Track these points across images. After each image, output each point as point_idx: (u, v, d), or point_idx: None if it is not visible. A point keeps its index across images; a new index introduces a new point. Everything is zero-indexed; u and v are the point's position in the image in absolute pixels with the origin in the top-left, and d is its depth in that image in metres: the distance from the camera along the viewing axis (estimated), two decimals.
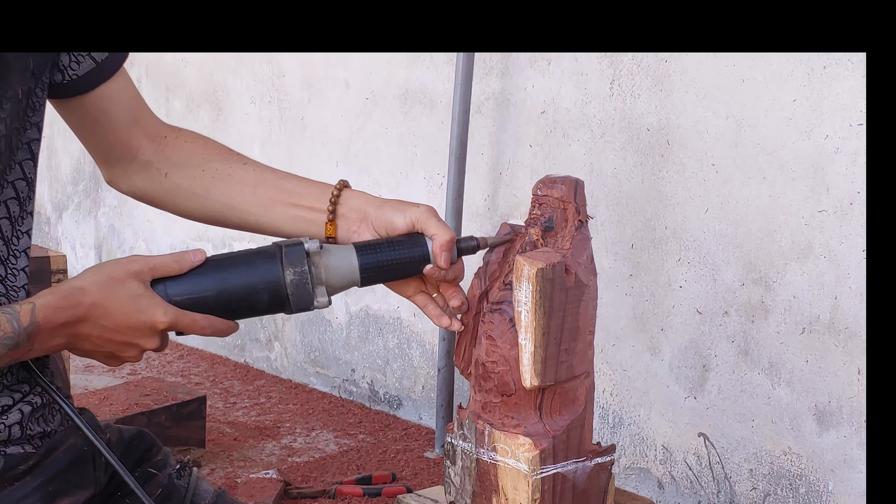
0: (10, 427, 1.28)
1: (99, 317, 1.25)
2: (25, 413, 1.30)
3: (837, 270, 2.29)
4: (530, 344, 1.54)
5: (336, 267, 1.41)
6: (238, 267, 1.34)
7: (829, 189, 2.29)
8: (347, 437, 3.25)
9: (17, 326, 1.21)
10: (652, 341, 2.68)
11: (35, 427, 1.32)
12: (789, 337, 2.39)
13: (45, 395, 1.34)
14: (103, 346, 1.28)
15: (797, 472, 2.42)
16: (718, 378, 2.55)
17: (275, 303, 1.34)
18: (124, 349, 1.29)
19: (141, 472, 1.45)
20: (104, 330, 1.25)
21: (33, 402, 1.32)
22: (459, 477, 1.66)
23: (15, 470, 1.28)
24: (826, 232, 2.31)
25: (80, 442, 1.35)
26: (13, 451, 1.28)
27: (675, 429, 2.66)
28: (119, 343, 1.27)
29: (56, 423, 1.35)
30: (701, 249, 2.54)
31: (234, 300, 1.33)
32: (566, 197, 1.63)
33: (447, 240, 1.45)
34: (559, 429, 1.59)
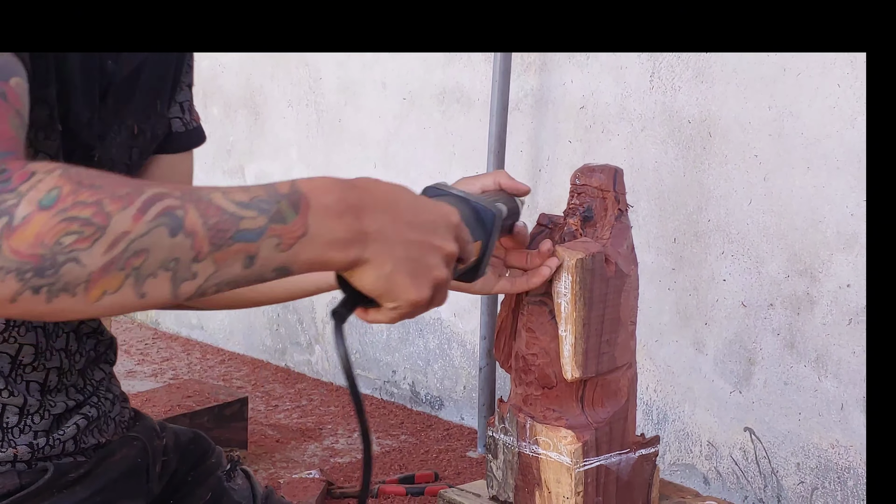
0: (64, 442, 1.23)
1: (385, 206, 0.95)
2: (81, 427, 1.25)
3: None
4: (571, 336, 1.52)
5: None
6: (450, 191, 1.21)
7: None
8: (389, 438, 3.24)
9: (272, 192, 0.90)
10: (696, 336, 2.64)
11: (89, 440, 1.27)
12: (836, 328, 2.35)
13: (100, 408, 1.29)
14: (403, 250, 0.95)
15: (845, 464, 2.38)
16: (764, 371, 2.51)
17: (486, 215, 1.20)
18: (427, 253, 0.97)
19: (194, 476, 1.43)
20: (395, 221, 0.95)
21: (90, 416, 1.27)
22: (501, 471, 1.65)
23: (65, 478, 1.23)
24: None
25: (134, 453, 1.31)
26: (64, 461, 1.24)
27: (721, 424, 2.62)
28: (418, 244, 0.96)
29: (110, 433, 1.30)
30: (744, 242, 2.51)
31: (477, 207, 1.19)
32: (605, 185, 1.61)
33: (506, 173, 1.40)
34: (602, 421, 1.57)
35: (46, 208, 0.84)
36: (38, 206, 0.84)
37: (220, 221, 0.88)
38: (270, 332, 4.22)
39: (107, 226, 0.84)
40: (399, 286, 0.95)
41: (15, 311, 0.85)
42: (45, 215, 0.84)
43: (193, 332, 4.40)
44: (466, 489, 1.73)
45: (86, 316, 0.88)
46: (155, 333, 4.40)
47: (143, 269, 0.86)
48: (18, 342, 1.20)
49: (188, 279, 0.88)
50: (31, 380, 1.23)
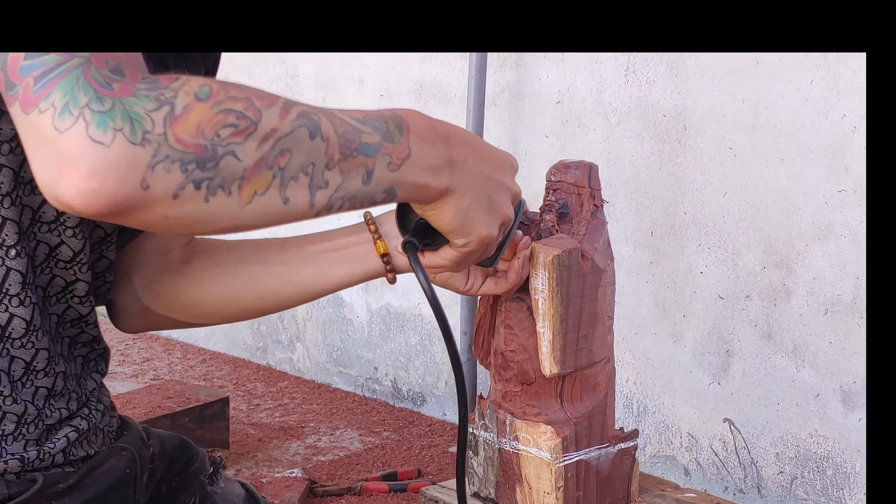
0: (54, 455, 1.22)
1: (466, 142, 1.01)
2: (71, 440, 1.24)
3: (859, 250, 2.27)
4: (548, 332, 1.53)
5: None
6: None
7: (847, 168, 2.27)
8: (372, 435, 3.25)
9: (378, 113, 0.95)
10: (674, 328, 2.66)
11: (78, 451, 1.26)
12: (812, 318, 2.37)
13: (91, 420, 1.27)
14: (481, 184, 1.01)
15: (824, 454, 2.40)
16: (742, 363, 2.53)
17: None
18: (497, 190, 1.03)
19: (179, 481, 1.43)
20: (476, 155, 1.00)
21: (80, 428, 1.26)
22: (482, 467, 1.65)
23: (54, 489, 1.22)
24: (846, 211, 2.28)
25: (123, 464, 1.30)
26: (53, 472, 1.22)
27: (700, 415, 2.64)
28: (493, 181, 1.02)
29: (98, 444, 1.29)
30: (721, 234, 2.53)
31: None
32: (580, 182, 1.62)
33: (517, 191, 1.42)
34: (581, 415, 1.58)
35: (203, 100, 0.84)
36: (196, 98, 0.84)
37: (347, 132, 0.90)
38: (251, 330, 4.22)
39: (258, 121, 0.86)
40: (474, 220, 1.00)
41: (175, 209, 0.84)
42: (203, 106, 0.84)
43: (174, 332, 4.39)
44: (448, 486, 1.73)
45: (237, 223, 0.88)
46: (135, 334, 4.39)
47: (287, 169, 0.87)
48: (35, 347, 1.19)
49: (322, 187, 0.89)
50: (42, 385, 1.22)
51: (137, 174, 0.81)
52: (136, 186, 0.81)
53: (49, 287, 1.20)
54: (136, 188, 0.81)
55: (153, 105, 0.82)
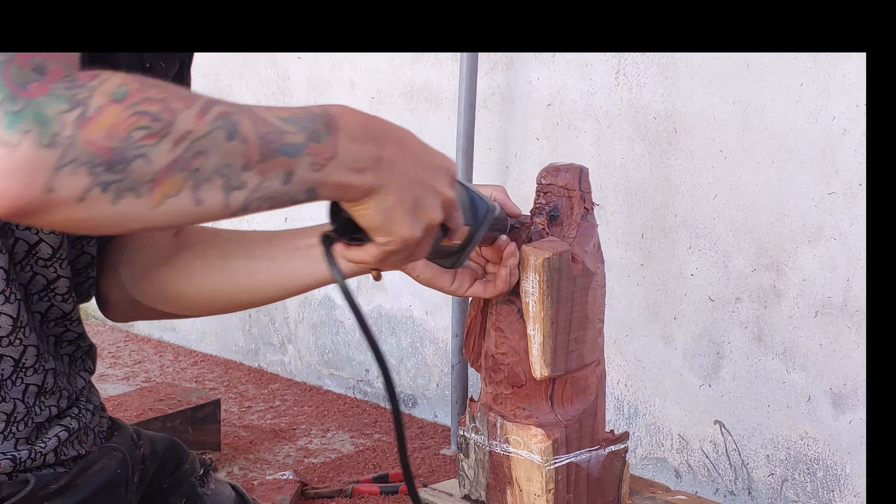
0: (45, 455, 1.22)
1: (399, 142, 1.00)
2: (62, 439, 1.24)
3: (849, 252, 2.28)
4: (539, 334, 1.53)
5: None
6: None
7: (838, 171, 2.28)
8: (363, 437, 3.25)
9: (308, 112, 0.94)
10: (665, 330, 2.66)
11: (69, 451, 1.26)
12: (802, 321, 2.38)
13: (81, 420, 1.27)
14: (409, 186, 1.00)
15: (814, 456, 2.41)
16: (732, 365, 2.54)
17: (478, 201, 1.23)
18: (426, 194, 1.02)
19: (169, 483, 1.43)
20: (407, 157, 1.00)
21: (70, 427, 1.26)
22: (473, 470, 1.66)
23: (46, 490, 1.22)
24: (836, 214, 2.29)
25: (114, 464, 1.31)
26: (45, 472, 1.22)
27: (691, 417, 2.64)
28: (421, 184, 1.02)
29: (89, 444, 1.30)
30: (711, 236, 2.53)
31: None
32: (571, 185, 1.63)
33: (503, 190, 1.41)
34: (571, 418, 1.59)
35: (119, 101, 0.83)
36: (111, 98, 0.83)
37: (268, 132, 0.89)
38: (243, 332, 4.21)
39: (173, 123, 0.85)
40: (397, 220, 0.99)
41: (80, 212, 0.83)
42: (118, 107, 0.83)
43: (165, 333, 4.39)
44: (439, 489, 1.74)
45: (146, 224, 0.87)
46: (127, 336, 4.38)
47: (201, 171, 0.86)
48: (23, 344, 1.19)
49: (237, 188, 0.88)
50: (31, 382, 1.21)
51: (41, 177, 0.80)
52: (40, 190, 0.81)
53: (31, 285, 1.20)
54: (40, 192, 0.81)
55: (66, 106, 0.81)
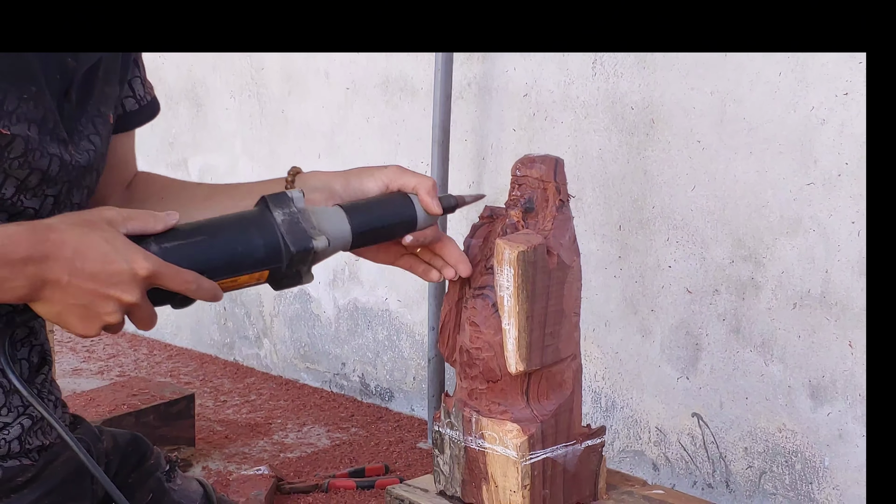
0: (9, 442, 1.24)
1: (70, 258, 1.07)
2: (25, 427, 1.26)
3: (828, 243, 2.26)
4: (514, 329, 1.51)
5: (327, 218, 1.30)
6: (222, 220, 1.22)
7: (816, 161, 2.26)
8: (339, 431, 3.22)
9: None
10: (642, 323, 2.65)
11: (34, 441, 1.28)
12: (781, 313, 2.37)
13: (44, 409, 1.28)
14: (75, 298, 1.08)
15: (792, 448, 2.39)
16: (710, 357, 2.52)
17: (270, 247, 1.21)
18: (100, 302, 1.09)
19: (134, 478, 1.43)
20: (76, 274, 1.07)
21: (34, 416, 1.27)
22: (448, 465, 1.63)
23: (13, 482, 1.24)
24: (815, 205, 2.28)
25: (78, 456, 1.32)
26: (11, 465, 1.24)
27: (669, 410, 2.63)
28: (93, 294, 1.08)
29: (54, 435, 1.31)
30: (689, 228, 2.51)
31: (226, 250, 1.19)
32: (546, 176, 1.60)
33: (431, 185, 1.40)
34: (547, 413, 1.57)
35: None
36: None
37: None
38: (218, 326, 4.18)
39: None
40: (67, 323, 1.10)
41: None
42: None
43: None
44: (414, 485, 1.71)
45: None
46: None
47: None
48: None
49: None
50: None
51: None
52: None
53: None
54: None
55: None
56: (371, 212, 1.37)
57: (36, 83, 1.18)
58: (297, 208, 1.24)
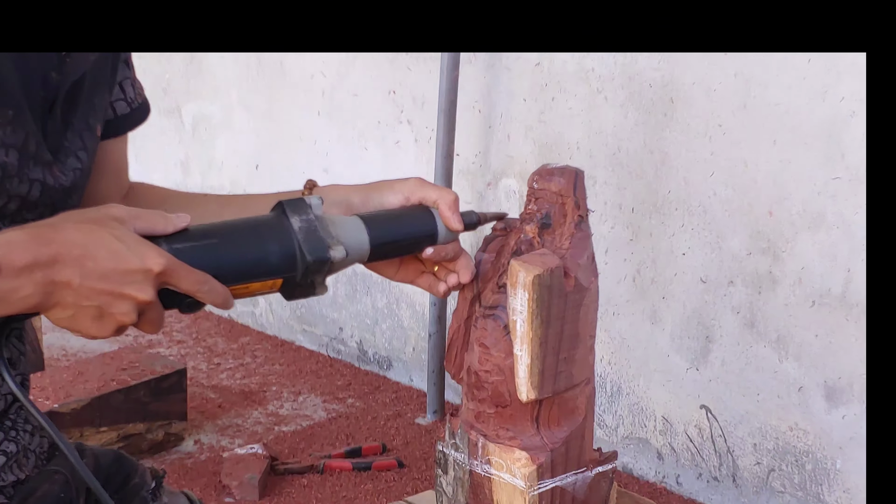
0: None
1: (79, 258, 1.01)
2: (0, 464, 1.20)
3: (852, 242, 2.16)
4: (527, 356, 1.41)
5: (345, 228, 1.24)
6: (236, 223, 1.15)
7: (843, 155, 2.15)
8: (336, 402, 3.14)
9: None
10: (652, 310, 2.55)
11: (8, 476, 1.22)
12: (798, 310, 2.27)
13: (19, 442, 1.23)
14: (88, 299, 1.02)
15: (804, 448, 2.32)
16: (722, 350, 2.43)
17: (285, 254, 1.15)
18: (114, 302, 1.02)
19: (118, 499, 1.37)
20: (87, 276, 1.00)
21: (7, 451, 1.21)
22: (452, 487, 1.56)
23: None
24: (840, 201, 2.17)
25: (57, 488, 1.26)
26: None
27: (676, 400, 2.55)
28: (106, 294, 1.01)
29: (29, 467, 1.25)
30: (706, 215, 2.41)
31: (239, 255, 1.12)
32: (565, 191, 1.49)
33: (453, 199, 1.34)
34: (558, 441, 1.48)
35: None
36: None
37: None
38: None
39: None
40: (80, 326, 1.03)
41: None
42: None
43: None
44: (415, 503, 1.64)
45: None
46: None
47: None
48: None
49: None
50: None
51: None
52: None
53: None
54: None
55: None
56: (391, 224, 1.32)
57: (14, 105, 1.10)
58: (314, 215, 1.19)
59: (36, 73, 1.14)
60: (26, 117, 1.12)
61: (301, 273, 1.17)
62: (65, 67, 1.18)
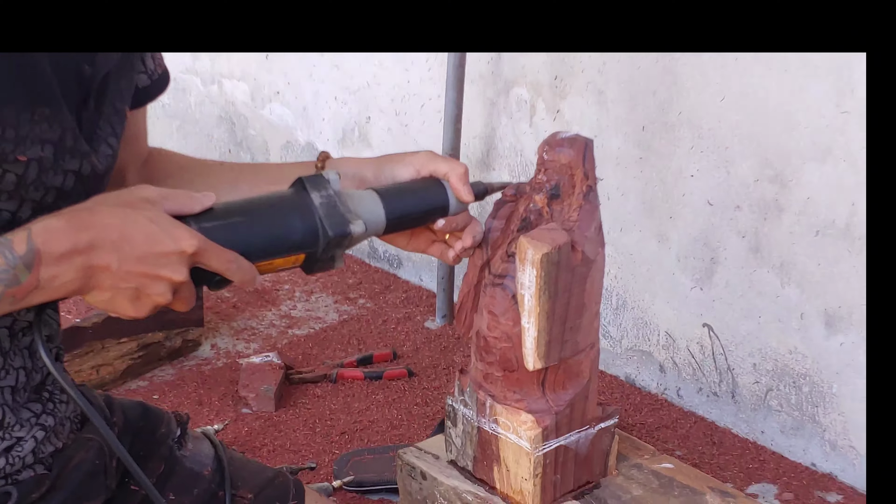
0: (23, 457, 1.23)
1: (116, 242, 1.04)
2: (39, 439, 1.25)
3: (857, 176, 2.18)
4: (534, 328, 1.47)
5: (362, 202, 1.29)
6: (259, 199, 1.19)
7: (853, 91, 2.15)
8: (347, 303, 3.21)
9: (10, 257, 1.01)
10: (659, 229, 2.59)
11: (47, 448, 1.27)
12: (802, 238, 2.31)
13: (56, 415, 1.28)
14: (126, 282, 1.05)
15: (802, 371, 2.39)
16: (726, 272, 2.48)
17: (308, 230, 1.20)
18: (150, 284, 1.06)
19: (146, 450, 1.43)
20: (124, 259, 1.04)
21: (46, 425, 1.26)
22: (461, 440, 1.63)
23: (28, 499, 1.23)
24: (848, 135, 2.18)
25: (91, 455, 1.32)
26: (24, 477, 1.24)
27: (679, 317, 2.61)
28: (143, 276, 1.05)
29: (65, 435, 1.30)
30: (715, 139, 2.42)
31: (265, 232, 1.17)
32: (574, 162, 1.53)
33: (463, 171, 1.39)
34: (563, 403, 1.55)
35: None
36: None
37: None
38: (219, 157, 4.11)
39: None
40: (119, 306, 1.08)
41: None
42: None
43: None
44: (425, 449, 1.72)
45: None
46: None
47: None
48: None
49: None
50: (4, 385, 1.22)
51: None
52: None
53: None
54: None
55: None
56: (404, 197, 1.36)
57: (51, 102, 1.12)
58: (333, 191, 1.23)
59: (69, 68, 1.15)
60: (63, 113, 1.14)
61: (322, 248, 1.22)
62: (97, 59, 1.19)
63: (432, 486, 1.66)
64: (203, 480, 1.47)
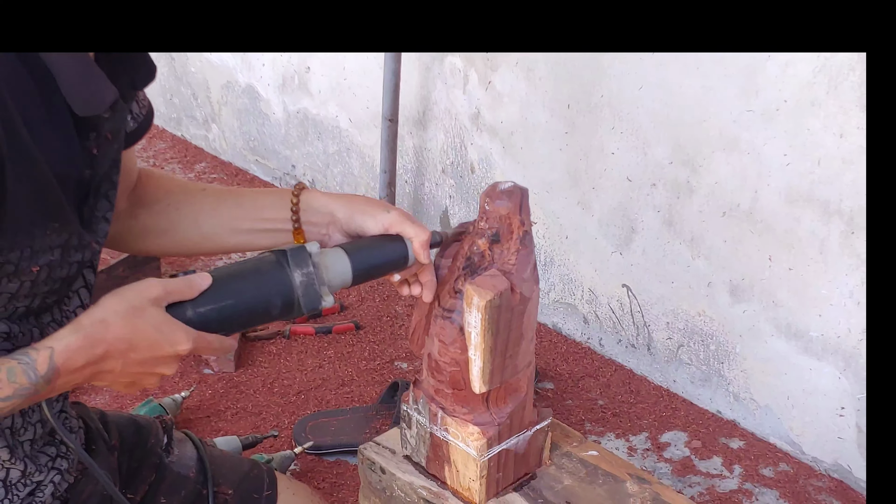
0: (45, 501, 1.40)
1: (123, 351, 1.24)
2: (57, 482, 1.41)
3: (760, 167, 2.43)
4: (479, 360, 1.70)
5: (333, 268, 1.48)
6: (247, 279, 1.36)
7: (758, 93, 2.38)
8: None
9: (33, 377, 1.19)
10: (583, 197, 2.83)
11: (62, 486, 1.44)
12: (710, 217, 2.56)
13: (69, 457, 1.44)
14: (125, 377, 1.27)
15: (709, 331, 2.68)
16: (643, 241, 2.74)
17: (286, 306, 1.39)
18: (145, 378, 1.29)
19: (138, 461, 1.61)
20: (128, 363, 1.25)
21: (61, 469, 1.43)
22: (415, 440, 1.88)
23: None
24: (752, 131, 2.42)
25: (99, 488, 1.49)
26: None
27: (601, 277, 2.87)
28: (141, 373, 1.28)
29: (76, 469, 1.47)
30: (633, 123, 2.64)
31: (249, 311, 1.36)
32: (511, 212, 1.74)
33: (426, 239, 1.58)
34: (504, 416, 1.79)
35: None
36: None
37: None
38: (164, 100, 4.21)
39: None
40: (116, 387, 1.30)
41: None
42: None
43: None
44: (382, 443, 1.96)
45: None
46: None
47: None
48: None
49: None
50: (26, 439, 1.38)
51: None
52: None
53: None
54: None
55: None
56: (371, 254, 1.56)
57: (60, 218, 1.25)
58: (313, 265, 1.41)
59: (71, 177, 1.26)
60: (69, 222, 1.26)
61: (294, 316, 1.44)
62: (95, 162, 1.30)
63: (391, 479, 1.90)
64: (189, 482, 1.66)
